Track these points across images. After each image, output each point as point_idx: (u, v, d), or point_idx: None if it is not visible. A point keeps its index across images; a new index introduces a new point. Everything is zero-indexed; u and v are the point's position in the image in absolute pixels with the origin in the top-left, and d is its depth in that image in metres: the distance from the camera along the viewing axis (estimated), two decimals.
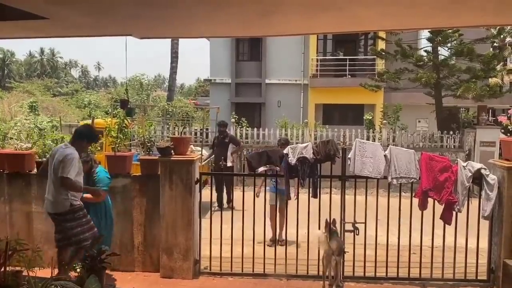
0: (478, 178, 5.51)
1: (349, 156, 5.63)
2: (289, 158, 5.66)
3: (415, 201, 5.57)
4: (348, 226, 5.58)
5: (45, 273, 4.06)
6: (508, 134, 6.14)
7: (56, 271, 4.16)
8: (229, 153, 10.30)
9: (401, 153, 5.64)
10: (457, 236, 5.55)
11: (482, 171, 5.48)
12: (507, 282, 5.32)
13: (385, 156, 5.57)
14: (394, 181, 5.56)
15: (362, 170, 5.56)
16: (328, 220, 5.32)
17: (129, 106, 8.00)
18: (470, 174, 5.45)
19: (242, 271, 5.79)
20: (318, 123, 17.38)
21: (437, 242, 5.64)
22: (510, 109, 6.35)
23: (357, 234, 5.57)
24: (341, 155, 5.68)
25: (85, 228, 4.86)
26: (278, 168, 5.90)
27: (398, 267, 5.61)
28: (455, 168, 5.47)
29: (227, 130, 10.85)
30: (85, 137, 4.98)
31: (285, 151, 5.77)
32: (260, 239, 5.77)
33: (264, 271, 5.75)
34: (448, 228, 5.55)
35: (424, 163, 5.52)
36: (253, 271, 5.77)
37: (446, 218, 5.51)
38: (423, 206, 5.54)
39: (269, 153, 5.92)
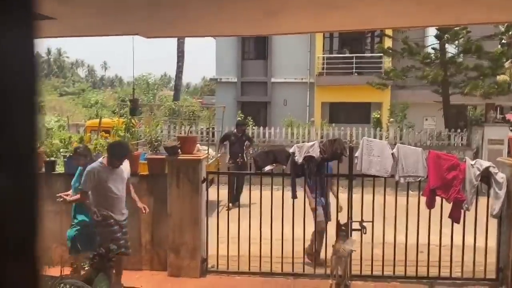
0: (486, 177, 5.47)
1: (356, 155, 5.61)
2: (296, 157, 5.66)
3: (423, 199, 5.54)
4: (356, 225, 5.56)
5: (54, 271, 4.10)
6: None
7: (64, 270, 4.20)
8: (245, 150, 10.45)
9: (409, 152, 5.61)
10: (465, 235, 5.52)
11: (491, 169, 5.44)
12: None
13: (392, 154, 5.54)
14: (402, 180, 5.53)
15: (369, 168, 5.54)
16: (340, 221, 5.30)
17: (131, 104, 8.04)
18: (479, 172, 5.41)
19: (249, 269, 5.79)
20: (325, 122, 17.35)
21: (445, 241, 5.61)
22: None
23: (364, 233, 5.55)
24: (348, 154, 5.66)
25: (107, 238, 4.94)
26: (284, 167, 5.89)
27: (405, 266, 5.59)
28: (463, 166, 5.43)
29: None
30: (109, 152, 5.03)
31: (291, 150, 5.76)
32: (267, 237, 5.77)
33: (271, 269, 5.75)
34: (456, 227, 5.51)
35: (432, 162, 5.48)
36: (260, 269, 5.77)
37: (455, 216, 5.48)
38: (430, 204, 5.51)
39: (275, 152, 5.91)
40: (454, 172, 5.43)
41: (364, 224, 5.52)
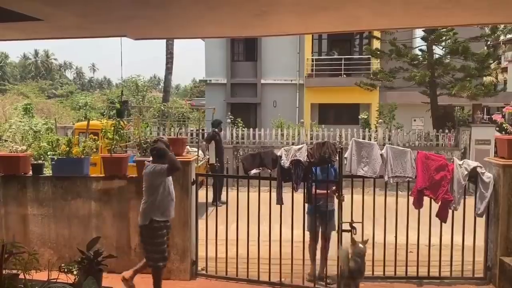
0: (474, 176, 5.52)
1: (345, 156, 5.59)
2: (282, 161, 5.54)
3: (411, 199, 5.57)
4: (345, 226, 5.53)
5: (41, 276, 4.04)
6: (503, 132, 6.16)
7: (52, 274, 4.14)
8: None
9: (398, 152, 5.63)
10: (454, 234, 5.56)
11: (478, 169, 5.48)
12: (503, 279, 5.34)
13: (381, 155, 5.55)
14: (391, 180, 5.55)
15: (358, 169, 5.54)
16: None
17: (122, 107, 7.96)
18: (466, 172, 5.45)
19: (237, 272, 5.73)
20: (314, 123, 17.39)
21: (434, 241, 5.65)
22: (504, 107, 6.38)
23: (354, 234, 5.55)
24: (337, 158, 5.49)
25: None
26: (269, 171, 5.78)
27: (395, 266, 5.61)
28: (451, 166, 5.47)
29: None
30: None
31: (278, 153, 5.67)
32: (255, 239, 5.75)
33: (258, 277, 5.68)
34: (445, 227, 5.55)
35: (420, 162, 5.51)
36: (247, 276, 5.72)
37: (442, 216, 5.52)
38: (418, 204, 5.54)
39: (262, 155, 5.76)
40: (442, 172, 5.46)
41: (354, 225, 5.50)
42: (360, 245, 4.90)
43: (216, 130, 10.86)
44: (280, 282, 5.63)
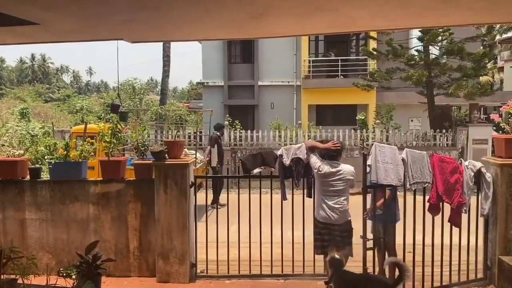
0: (476, 177, 5.49)
1: (368, 163, 5.10)
2: (283, 159, 5.63)
3: (427, 206, 5.30)
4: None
5: (40, 280, 4.04)
6: (500, 132, 6.17)
7: (50, 278, 4.12)
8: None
9: (416, 156, 5.24)
10: (454, 235, 5.51)
11: (482, 169, 5.45)
12: (502, 278, 5.34)
13: (402, 160, 5.15)
14: (412, 187, 5.18)
15: (386, 177, 5.03)
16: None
17: (121, 110, 7.96)
18: (473, 173, 5.38)
19: (239, 273, 5.77)
20: (312, 124, 17.41)
21: (437, 242, 5.53)
22: (501, 106, 6.39)
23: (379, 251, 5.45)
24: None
25: None
26: (273, 169, 5.87)
27: (414, 267, 5.37)
28: (461, 168, 5.34)
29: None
30: None
31: (279, 152, 5.75)
32: (257, 240, 5.75)
33: (261, 272, 5.73)
34: (446, 227, 5.46)
35: (437, 166, 5.23)
36: (250, 272, 5.75)
37: (456, 221, 5.32)
38: (437, 210, 5.26)
39: (263, 154, 5.88)
40: (456, 175, 5.26)
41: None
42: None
43: (218, 133, 10.95)
44: (283, 274, 5.67)
